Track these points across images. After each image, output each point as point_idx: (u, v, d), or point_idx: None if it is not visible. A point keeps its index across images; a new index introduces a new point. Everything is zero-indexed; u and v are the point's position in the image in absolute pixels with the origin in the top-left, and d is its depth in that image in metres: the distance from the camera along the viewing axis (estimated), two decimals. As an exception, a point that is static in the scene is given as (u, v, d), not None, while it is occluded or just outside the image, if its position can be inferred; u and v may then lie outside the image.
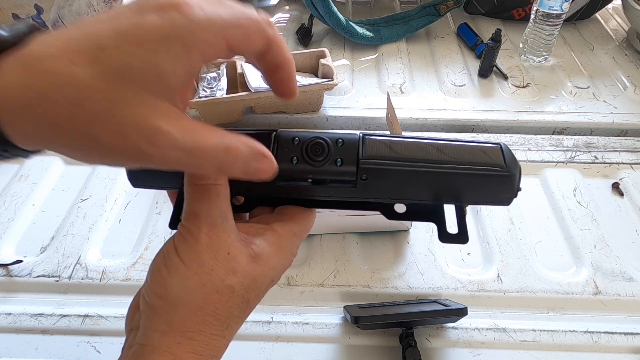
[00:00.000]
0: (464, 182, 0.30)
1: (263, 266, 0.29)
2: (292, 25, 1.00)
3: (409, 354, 0.46)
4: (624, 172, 0.68)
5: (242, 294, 0.28)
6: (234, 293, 0.28)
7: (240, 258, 0.28)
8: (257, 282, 0.29)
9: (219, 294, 0.27)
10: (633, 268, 0.56)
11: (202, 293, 0.27)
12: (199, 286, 0.27)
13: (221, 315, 0.28)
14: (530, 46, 0.87)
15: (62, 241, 0.59)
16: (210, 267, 0.27)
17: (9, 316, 0.52)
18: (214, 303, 0.27)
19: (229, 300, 0.28)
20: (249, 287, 0.29)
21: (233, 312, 0.28)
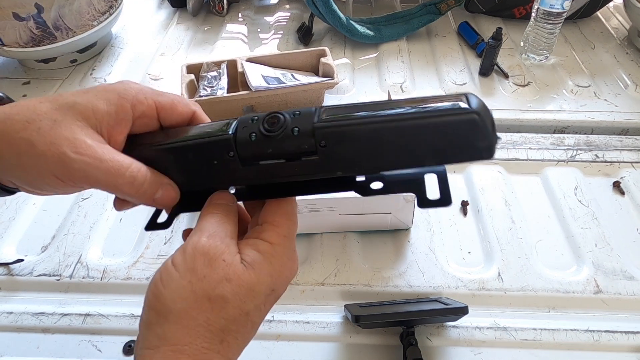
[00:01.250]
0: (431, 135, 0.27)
1: (258, 274, 0.28)
2: (293, 24, 1.00)
3: (410, 352, 0.46)
4: (625, 170, 0.68)
5: (237, 304, 0.27)
6: (228, 303, 0.27)
7: (235, 266, 0.27)
8: (254, 292, 0.28)
9: (211, 302, 0.26)
10: (634, 267, 0.56)
11: (194, 301, 0.26)
12: (190, 294, 0.26)
13: (214, 327, 0.26)
14: (531, 45, 0.87)
15: (63, 240, 0.59)
16: (203, 274, 0.27)
17: (10, 315, 0.52)
18: (206, 312, 0.26)
19: (222, 310, 0.27)
20: (245, 296, 0.27)
21: (229, 325, 0.27)
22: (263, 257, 0.29)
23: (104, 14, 0.87)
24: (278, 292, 0.30)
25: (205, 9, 1.06)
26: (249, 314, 0.28)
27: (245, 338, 0.28)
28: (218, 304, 0.27)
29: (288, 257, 0.30)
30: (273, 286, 0.29)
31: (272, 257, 0.29)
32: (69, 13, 0.82)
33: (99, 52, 0.93)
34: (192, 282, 0.26)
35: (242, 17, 1.05)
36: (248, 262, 0.28)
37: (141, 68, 0.89)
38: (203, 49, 0.94)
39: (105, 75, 0.87)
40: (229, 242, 0.28)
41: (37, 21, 0.79)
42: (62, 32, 0.82)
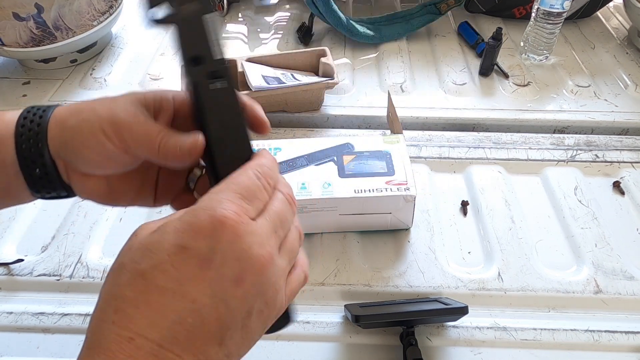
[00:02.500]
0: None
1: (160, 233, 0.25)
2: (293, 24, 1.00)
3: (410, 352, 0.46)
4: (625, 170, 0.68)
5: (131, 266, 0.24)
6: (124, 269, 0.25)
7: (142, 234, 0.26)
8: (150, 250, 0.24)
9: (113, 271, 0.25)
10: (634, 267, 0.56)
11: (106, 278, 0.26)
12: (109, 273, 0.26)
13: (108, 295, 0.25)
14: (531, 45, 0.87)
15: (63, 240, 0.59)
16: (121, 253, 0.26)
17: (10, 315, 0.52)
18: (107, 283, 0.25)
19: (118, 277, 0.25)
20: (140, 257, 0.24)
21: (122, 290, 0.24)
22: (177, 215, 0.25)
23: (104, 14, 0.87)
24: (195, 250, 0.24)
25: (205, 9, 1.06)
26: (144, 275, 0.24)
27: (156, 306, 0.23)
28: (116, 272, 0.25)
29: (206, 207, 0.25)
30: (181, 242, 0.24)
31: (184, 214, 0.25)
32: (69, 13, 0.82)
33: (99, 52, 0.93)
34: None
35: (242, 17, 1.05)
36: (159, 227, 0.26)
37: (141, 68, 0.89)
38: (203, 49, 0.94)
39: (105, 75, 0.87)
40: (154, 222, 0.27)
41: (37, 21, 0.79)
42: (62, 32, 0.82)
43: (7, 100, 0.82)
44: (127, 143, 0.30)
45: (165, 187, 0.36)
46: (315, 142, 0.61)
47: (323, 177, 0.56)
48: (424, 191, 0.65)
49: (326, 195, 0.55)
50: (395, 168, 0.57)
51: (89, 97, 0.82)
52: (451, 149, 0.71)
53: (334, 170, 0.57)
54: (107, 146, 0.30)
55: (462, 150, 0.70)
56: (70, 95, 0.83)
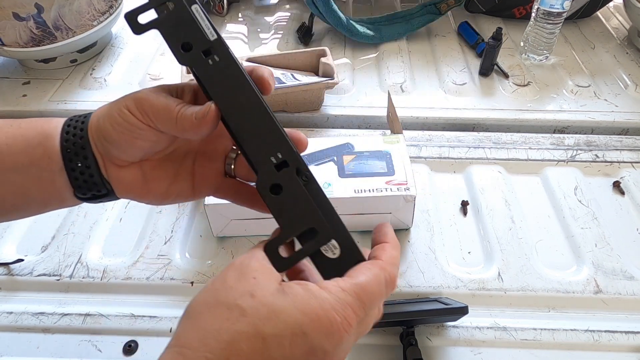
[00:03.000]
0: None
1: (288, 302, 0.26)
2: (293, 24, 1.00)
3: (410, 352, 0.46)
4: (625, 170, 0.68)
5: (254, 321, 0.25)
6: (244, 316, 0.25)
7: (265, 285, 0.26)
8: (277, 317, 0.25)
9: (229, 310, 0.25)
10: (634, 267, 0.56)
11: (213, 305, 0.26)
12: (212, 299, 0.26)
13: (222, 338, 0.25)
14: (531, 45, 0.87)
15: (63, 240, 0.59)
16: (230, 285, 0.27)
17: (10, 315, 0.52)
18: (220, 320, 0.25)
19: (236, 322, 0.25)
20: (265, 317, 0.25)
21: (238, 341, 0.25)
22: (302, 292, 0.27)
23: (104, 14, 0.87)
24: (313, 342, 0.26)
25: (205, 9, 1.06)
26: (265, 340, 0.25)
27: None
28: (234, 314, 0.25)
29: (334, 307, 0.26)
30: (303, 327, 0.26)
31: (312, 298, 0.26)
32: (69, 13, 0.82)
33: (99, 52, 0.93)
34: (217, 289, 0.27)
35: (242, 17, 1.05)
36: (285, 289, 0.27)
37: (141, 68, 0.89)
38: (203, 49, 0.94)
39: (105, 75, 0.87)
40: (267, 266, 0.28)
41: (37, 21, 0.79)
42: (62, 32, 0.82)
43: (7, 100, 0.82)
44: (148, 116, 0.31)
45: (203, 176, 0.37)
46: (315, 142, 0.61)
47: (323, 177, 0.56)
48: (424, 191, 0.65)
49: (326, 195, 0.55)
50: (395, 168, 0.57)
51: (89, 97, 0.82)
52: (451, 149, 0.71)
53: (334, 170, 0.57)
54: (131, 120, 0.31)
55: (462, 150, 0.70)
56: (70, 95, 0.83)
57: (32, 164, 0.32)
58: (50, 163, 0.32)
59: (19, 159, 0.32)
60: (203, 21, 0.31)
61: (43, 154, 0.32)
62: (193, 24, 0.31)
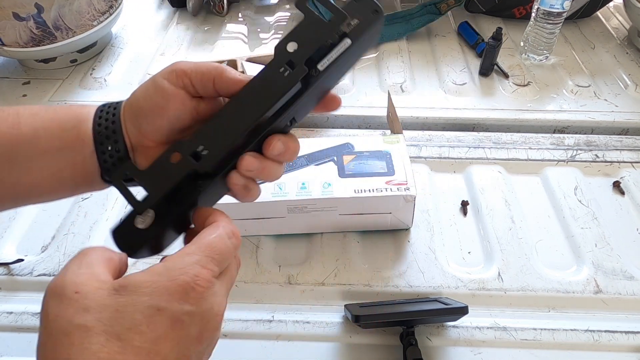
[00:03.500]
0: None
1: (129, 294, 0.25)
2: (293, 24, 1.00)
3: (410, 352, 0.46)
4: (625, 170, 0.68)
5: (103, 329, 0.24)
6: (90, 331, 0.24)
7: (93, 294, 0.25)
8: (123, 313, 0.25)
9: (70, 336, 0.24)
10: (634, 267, 0.56)
11: (51, 345, 0.24)
12: (47, 339, 0.24)
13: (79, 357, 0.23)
14: (531, 45, 0.87)
15: (63, 240, 0.59)
16: (55, 314, 0.25)
17: (10, 315, 0.52)
18: (66, 349, 0.23)
19: (85, 339, 0.24)
20: (113, 320, 0.24)
21: (99, 354, 0.23)
22: (141, 277, 0.26)
23: (104, 13, 0.87)
24: (169, 312, 0.25)
25: (205, 8, 1.06)
26: (120, 337, 0.24)
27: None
28: (78, 336, 0.24)
29: (181, 272, 0.26)
30: (155, 305, 0.25)
31: (155, 275, 0.26)
32: (69, 13, 0.82)
33: (99, 52, 0.93)
34: (46, 328, 0.24)
35: (242, 17, 1.05)
36: (121, 284, 0.26)
37: (141, 68, 0.89)
38: (203, 49, 0.94)
39: (105, 75, 0.87)
40: (86, 272, 0.26)
41: (37, 21, 0.80)
42: (62, 32, 0.82)
43: (7, 100, 0.82)
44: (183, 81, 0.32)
45: None
46: (315, 142, 0.61)
47: (323, 177, 0.56)
48: (424, 191, 0.65)
49: (326, 195, 0.55)
50: (395, 168, 0.57)
51: (89, 97, 0.82)
52: (451, 149, 0.71)
53: (334, 170, 0.57)
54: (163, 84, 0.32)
55: (462, 150, 0.70)
56: (70, 95, 0.83)
57: (66, 147, 0.33)
58: (83, 146, 0.33)
59: (54, 143, 0.32)
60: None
61: (77, 137, 0.33)
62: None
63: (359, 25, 0.31)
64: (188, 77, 0.32)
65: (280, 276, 0.55)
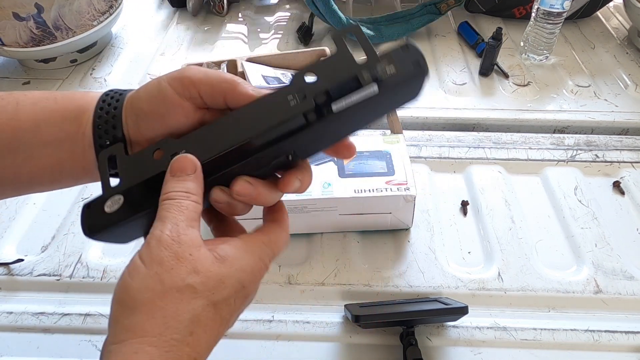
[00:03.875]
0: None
1: (229, 267, 0.28)
2: (293, 24, 1.00)
3: (410, 352, 0.46)
4: (625, 170, 0.68)
5: (206, 294, 0.27)
6: (197, 293, 0.26)
7: (203, 259, 0.27)
8: (224, 284, 0.27)
9: (180, 292, 0.26)
10: (634, 267, 0.56)
11: (162, 291, 0.26)
12: (158, 285, 0.26)
13: (183, 317, 0.26)
14: (531, 45, 0.87)
15: (63, 240, 0.59)
16: (171, 266, 0.26)
17: (10, 315, 0.52)
18: (175, 303, 0.26)
19: (192, 300, 0.26)
20: (214, 288, 0.27)
21: (198, 316, 0.26)
22: (235, 252, 0.29)
23: (104, 13, 0.87)
24: (248, 290, 0.29)
25: (205, 8, 1.06)
26: (217, 305, 0.27)
27: (215, 333, 0.28)
28: (187, 295, 0.26)
29: (260, 257, 0.30)
30: (243, 282, 0.28)
31: (245, 254, 0.29)
32: (69, 13, 0.82)
33: (99, 52, 0.93)
34: (159, 273, 0.26)
35: (242, 17, 1.05)
36: (220, 255, 0.28)
37: (141, 68, 0.89)
38: (203, 48, 0.94)
39: (105, 75, 0.87)
40: (194, 239, 0.28)
41: (37, 21, 0.79)
42: (62, 32, 0.82)
43: (7, 100, 0.82)
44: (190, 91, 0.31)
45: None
46: (315, 142, 0.61)
47: (323, 177, 0.56)
48: (424, 191, 0.65)
49: (326, 195, 0.55)
50: (395, 168, 0.57)
51: (89, 97, 0.82)
52: (451, 149, 0.71)
53: (334, 170, 0.57)
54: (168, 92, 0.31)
55: (462, 150, 0.70)
56: (70, 95, 0.83)
57: (67, 138, 0.32)
58: (83, 138, 0.32)
59: (55, 134, 0.32)
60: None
61: (77, 129, 0.32)
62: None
63: (393, 75, 0.28)
64: (196, 88, 0.31)
65: (280, 276, 0.55)
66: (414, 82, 0.29)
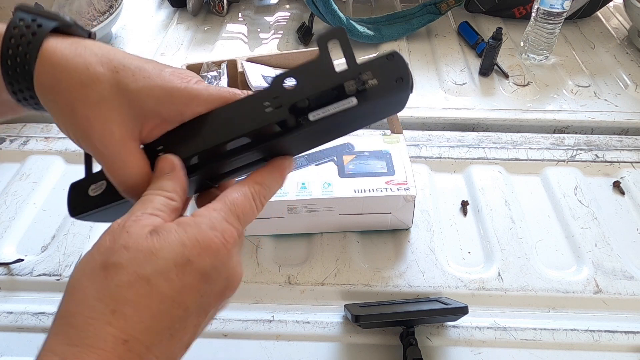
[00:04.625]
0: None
1: (163, 240, 0.25)
2: (293, 24, 1.00)
3: (410, 352, 0.46)
4: (625, 170, 0.68)
5: (133, 269, 0.25)
6: (122, 268, 0.24)
7: (136, 234, 0.26)
8: (155, 256, 0.25)
9: (105, 270, 0.25)
10: (634, 267, 0.56)
11: (90, 272, 0.25)
12: (87, 266, 0.25)
13: (103, 294, 0.24)
14: (531, 45, 0.87)
15: (63, 240, 0.59)
16: (105, 247, 0.26)
17: (10, 315, 0.52)
18: (97, 282, 0.24)
19: (115, 277, 0.24)
20: (143, 260, 0.25)
21: (121, 291, 0.24)
22: (176, 226, 0.26)
23: (103, 13, 0.87)
24: (200, 265, 0.26)
25: (205, 8, 1.06)
26: (149, 280, 0.24)
27: (153, 312, 0.24)
28: (111, 272, 0.24)
29: (211, 227, 0.27)
30: (187, 255, 0.25)
31: (187, 226, 0.26)
32: (69, 13, 0.82)
33: (99, 52, 0.93)
34: (92, 255, 0.25)
35: (242, 17, 1.05)
36: (157, 231, 0.26)
37: (141, 68, 0.89)
38: (203, 48, 0.94)
39: (105, 75, 0.87)
40: (140, 216, 0.26)
41: (37, 21, 0.79)
42: (62, 32, 0.82)
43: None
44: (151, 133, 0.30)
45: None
46: (315, 142, 0.61)
47: (323, 177, 0.56)
48: (424, 191, 0.65)
49: (326, 195, 0.55)
50: (395, 168, 0.57)
51: (89, 97, 0.82)
52: (451, 148, 0.71)
53: (334, 170, 0.57)
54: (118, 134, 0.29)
55: (462, 150, 0.70)
56: (70, 95, 0.83)
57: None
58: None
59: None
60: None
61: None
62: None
63: (375, 87, 0.28)
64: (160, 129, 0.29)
65: (280, 276, 0.55)
66: (396, 96, 0.28)
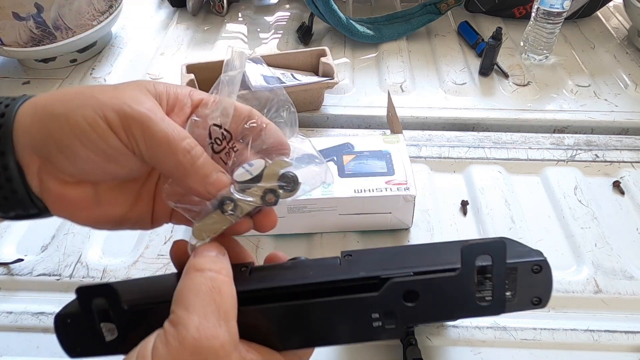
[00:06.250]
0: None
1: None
2: (293, 24, 1.00)
3: (410, 352, 0.46)
4: (625, 170, 0.68)
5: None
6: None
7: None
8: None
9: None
10: (634, 266, 0.56)
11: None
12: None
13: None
14: (531, 44, 0.87)
15: (63, 240, 0.59)
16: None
17: (10, 315, 0.52)
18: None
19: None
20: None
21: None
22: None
23: (103, 13, 0.87)
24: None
25: (205, 8, 1.06)
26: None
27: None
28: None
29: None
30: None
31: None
32: (69, 13, 0.82)
33: (98, 51, 0.93)
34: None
35: (242, 17, 1.05)
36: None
37: (141, 68, 0.89)
38: (203, 48, 0.94)
39: (105, 75, 0.87)
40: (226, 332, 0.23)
41: (37, 21, 0.79)
42: (62, 31, 0.82)
43: (7, 100, 0.82)
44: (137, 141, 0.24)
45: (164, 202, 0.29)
46: (315, 142, 0.61)
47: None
48: (424, 191, 0.65)
49: (326, 195, 0.55)
50: (395, 168, 0.57)
51: (88, 97, 0.82)
52: (451, 148, 0.71)
53: (334, 170, 0.57)
54: (111, 142, 0.24)
55: (462, 150, 0.70)
56: (70, 95, 0.83)
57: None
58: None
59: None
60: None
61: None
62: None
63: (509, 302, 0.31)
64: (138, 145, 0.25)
65: (280, 276, 0.55)
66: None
